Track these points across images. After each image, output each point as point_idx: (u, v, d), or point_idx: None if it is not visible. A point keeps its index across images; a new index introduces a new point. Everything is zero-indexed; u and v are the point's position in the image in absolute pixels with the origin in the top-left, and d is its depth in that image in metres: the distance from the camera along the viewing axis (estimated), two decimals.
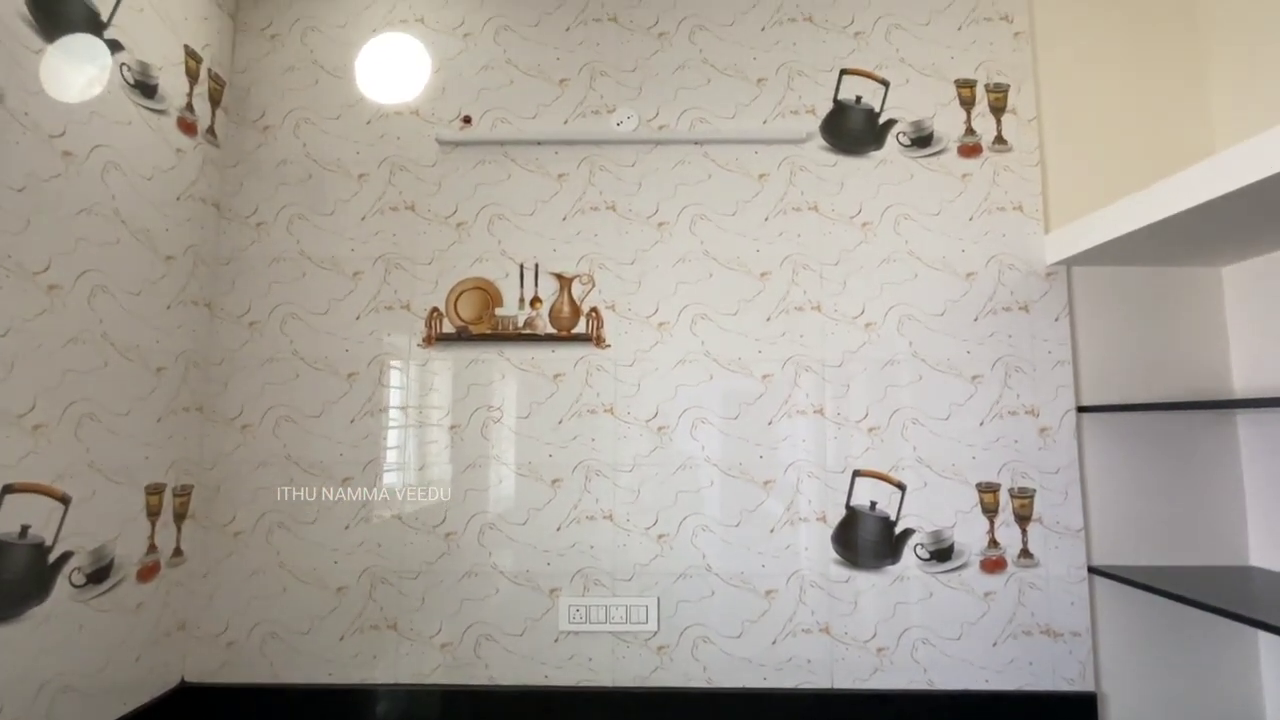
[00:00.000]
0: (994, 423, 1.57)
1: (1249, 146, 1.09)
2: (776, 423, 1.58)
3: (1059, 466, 1.55)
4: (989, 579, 1.53)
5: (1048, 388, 1.58)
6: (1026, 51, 1.68)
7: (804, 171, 1.66)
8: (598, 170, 1.67)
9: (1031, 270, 1.62)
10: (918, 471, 1.56)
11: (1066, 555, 1.53)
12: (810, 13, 1.71)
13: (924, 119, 1.67)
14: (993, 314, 1.60)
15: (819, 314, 1.62)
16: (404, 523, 1.57)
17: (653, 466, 1.58)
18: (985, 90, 1.67)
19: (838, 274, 1.63)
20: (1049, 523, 1.54)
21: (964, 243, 1.63)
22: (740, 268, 1.63)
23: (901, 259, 1.63)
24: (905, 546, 1.54)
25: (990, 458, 1.56)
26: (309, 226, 1.67)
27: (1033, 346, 1.59)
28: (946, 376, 1.59)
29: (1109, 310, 1.60)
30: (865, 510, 1.56)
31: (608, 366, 1.61)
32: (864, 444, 1.57)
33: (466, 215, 1.67)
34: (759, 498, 1.56)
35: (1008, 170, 1.65)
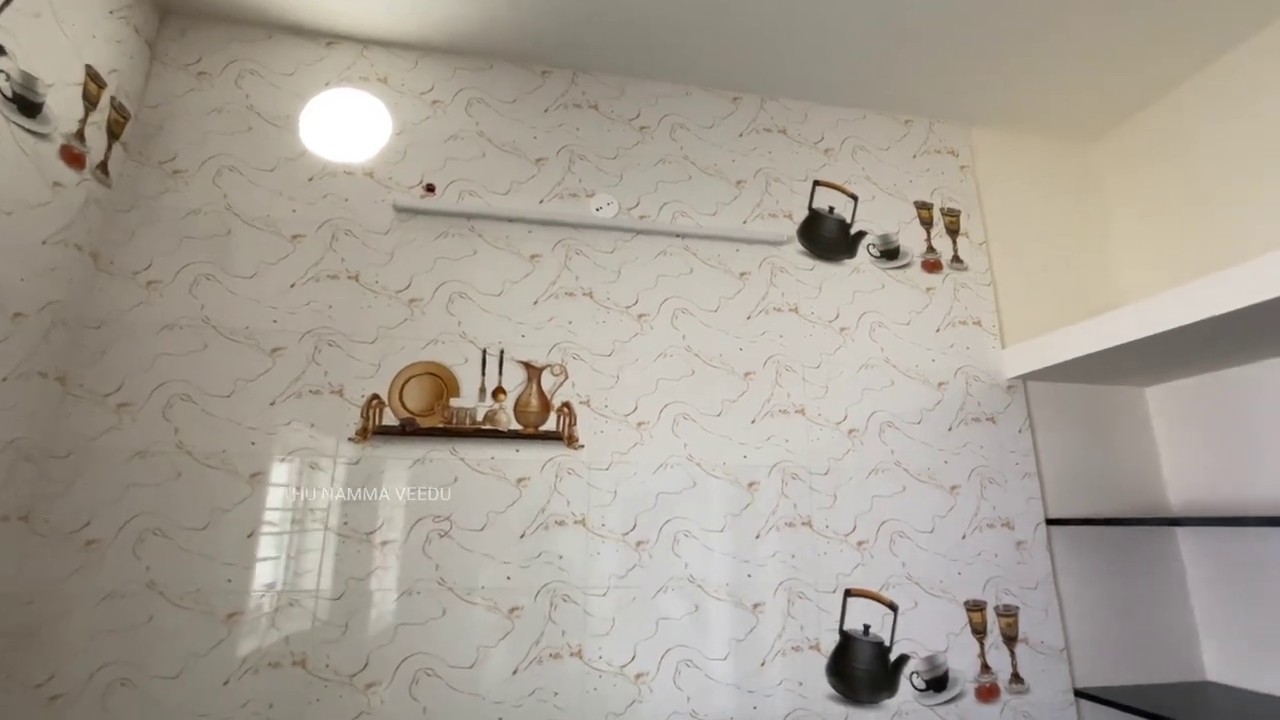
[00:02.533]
0: (975, 536, 1.54)
1: (1167, 297, 1.23)
2: (764, 536, 1.45)
3: (1037, 581, 1.53)
4: (985, 710, 1.43)
5: (1019, 499, 1.59)
6: (971, 183, 1.84)
7: (783, 273, 1.64)
8: (574, 254, 1.55)
9: (994, 383, 1.67)
10: (907, 590, 1.47)
11: (1053, 678, 1.47)
12: (784, 126, 1.78)
13: (891, 233, 1.74)
14: (964, 424, 1.62)
15: (803, 418, 1.54)
16: (309, 672, 1.20)
17: (629, 589, 1.36)
18: (940, 213, 1.79)
19: (820, 377, 1.58)
20: (1034, 643, 1.49)
21: (933, 353, 1.66)
22: (724, 366, 1.54)
23: (879, 365, 1.62)
24: (901, 675, 1.41)
25: (974, 573, 1.51)
26: (219, 290, 1.37)
27: (1001, 458, 1.61)
28: (928, 487, 1.55)
29: (1062, 423, 1.67)
30: (859, 635, 1.42)
31: (580, 470, 1.41)
32: (853, 560, 1.47)
33: (422, 291, 1.46)
34: (748, 624, 1.39)
35: (965, 288, 1.73)
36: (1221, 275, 1.20)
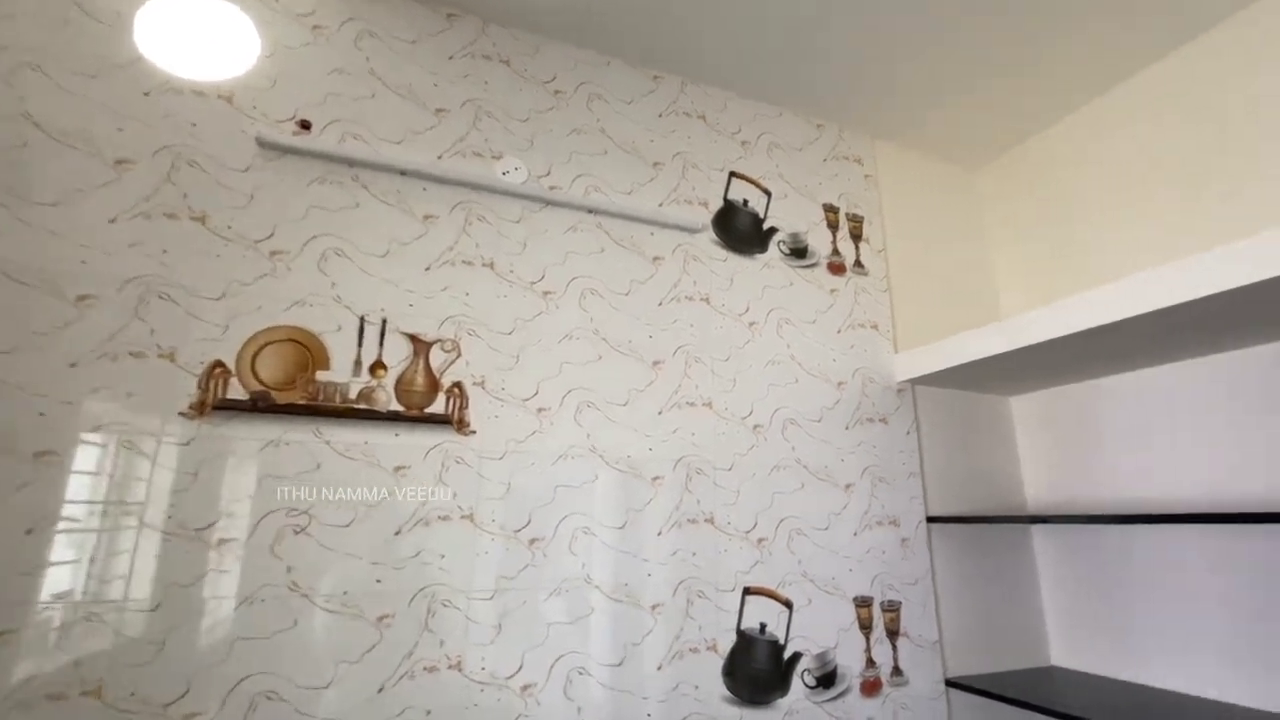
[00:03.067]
0: (865, 533, 1.57)
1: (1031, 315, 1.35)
2: (667, 533, 1.37)
3: (917, 577, 1.59)
4: (868, 704, 1.45)
5: (904, 498, 1.64)
6: (874, 192, 1.90)
7: (697, 262, 1.59)
8: (476, 219, 1.40)
9: (888, 385, 1.72)
10: (803, 587, 1.47)
11: (927, 669, 1.53)
12: (704, 112, 1.73)
13: (800, 232, 1.75)
14: (860, 424, 1.65)
15: (710, 411, 1.49)
16: (106, 704, 0.95)
17: (520, 592, 1.23)
18: (846, 218, 1.83)
19: (728, 370, 1.54)
20: (913, 636, 1.54)
21: (835, 353, 1.68)
22: (633, 353, 1.46)
23: (785, 362, 1.61)
24: (794, 674, 1.40)
25: (864, 570, 1.54)
26: (4, 219, 1.07)
27: (891, 457, 1.66)
28: (825, 485, 1.56)
29: (942, 427, 1.76)
30: (756, 635, 1.39)
31: (470, 458, 1.26)
32: (753, 557, 1.44)
33: (288, 243, 1.23)
34: (646, 626, 1.31)
35: (865, 292, 1.78)
36: (1078, 298, 1.30)
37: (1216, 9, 1.49)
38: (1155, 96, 1.65)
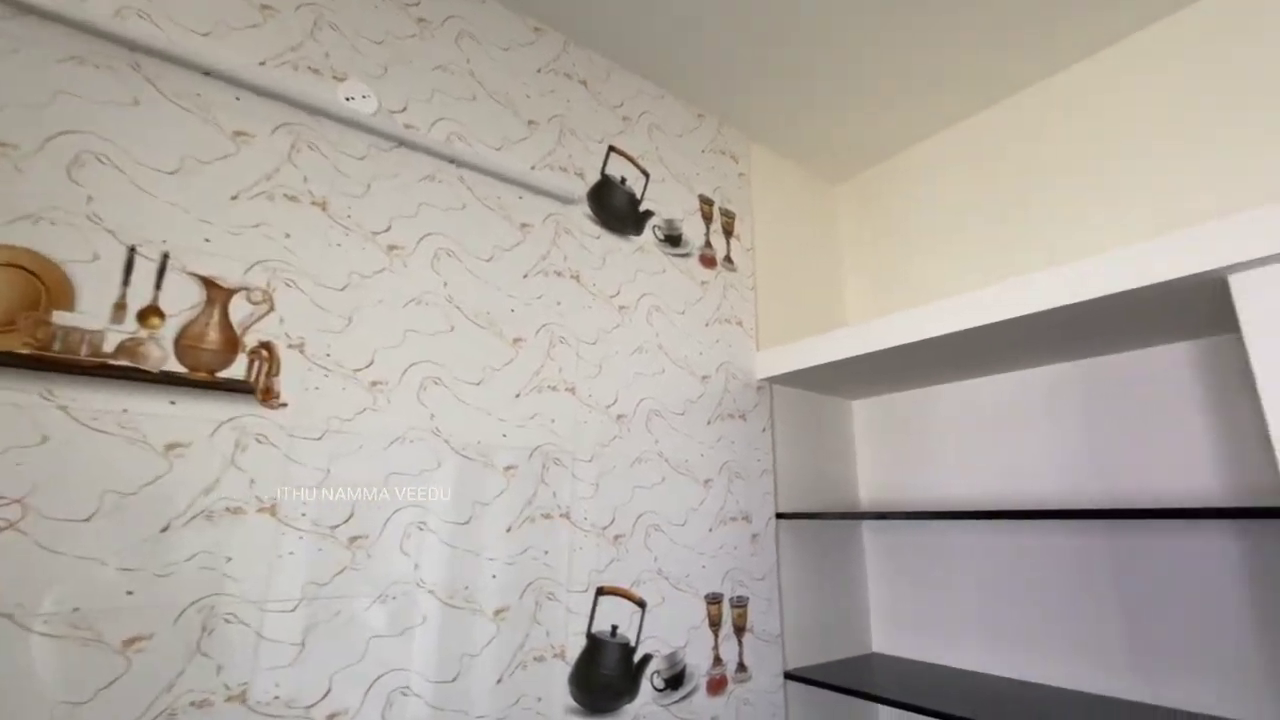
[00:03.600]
0: (720, 529, 1.55)
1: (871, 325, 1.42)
2: (518, 529, 1.23)
3: (764, 573, 1.61)
4: (713, 702, 1.42)
5: (758, 494, 1.65)
6: (747, 191, 1.91)
7: (569, 235, 1.47)
8: (306, 147, 1.14)
9: (748, 382, 1.73)
10: (657, 585, 1.40)
11: (769, 663, 1.55)
12: (586, 78, 1.61)
13: (676, 220, 1.70)
14: (721, 419, 1.64)
15: (573, 397, 1.38)
16: None
17: (332, 601, 1.01)
18: (719, 212, 1.81)
19: (595, 355, 1.44)
20: (759, 631, 1.55)
21: (702, 346, 1.65)
22: (491, 327, 1.29)
23: (653, 351, 1.55)
24: (643, 677, 1.33)
25: (716, 566, 1.52)
26: None
27: (748, 454, 1.67)
28: (685, 479, 1.52)
29: (794, 425, 1.81)
30: (607, 638, 1.30)
31: (277, 437, 1.01)
32: (609, 555, 1.34)
33: (19, 135, 0.90)
34: (487, 633, 1.15)
35: (733, 288, 1.78)
36: (909, 313, 1.40)
37: (1021, 77, 1.68)
38: (976, 142, 1.84)
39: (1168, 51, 1.51)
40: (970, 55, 1.65)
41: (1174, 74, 1.49)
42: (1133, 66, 1.56)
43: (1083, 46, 1.61)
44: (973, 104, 1.83)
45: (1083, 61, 1.65)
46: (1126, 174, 1.53)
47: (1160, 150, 1.48)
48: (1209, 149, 1.41)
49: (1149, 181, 1.49)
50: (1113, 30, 1.56)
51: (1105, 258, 1.13)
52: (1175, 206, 1.44)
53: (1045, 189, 1.68)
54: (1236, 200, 1.35)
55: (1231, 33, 1.41)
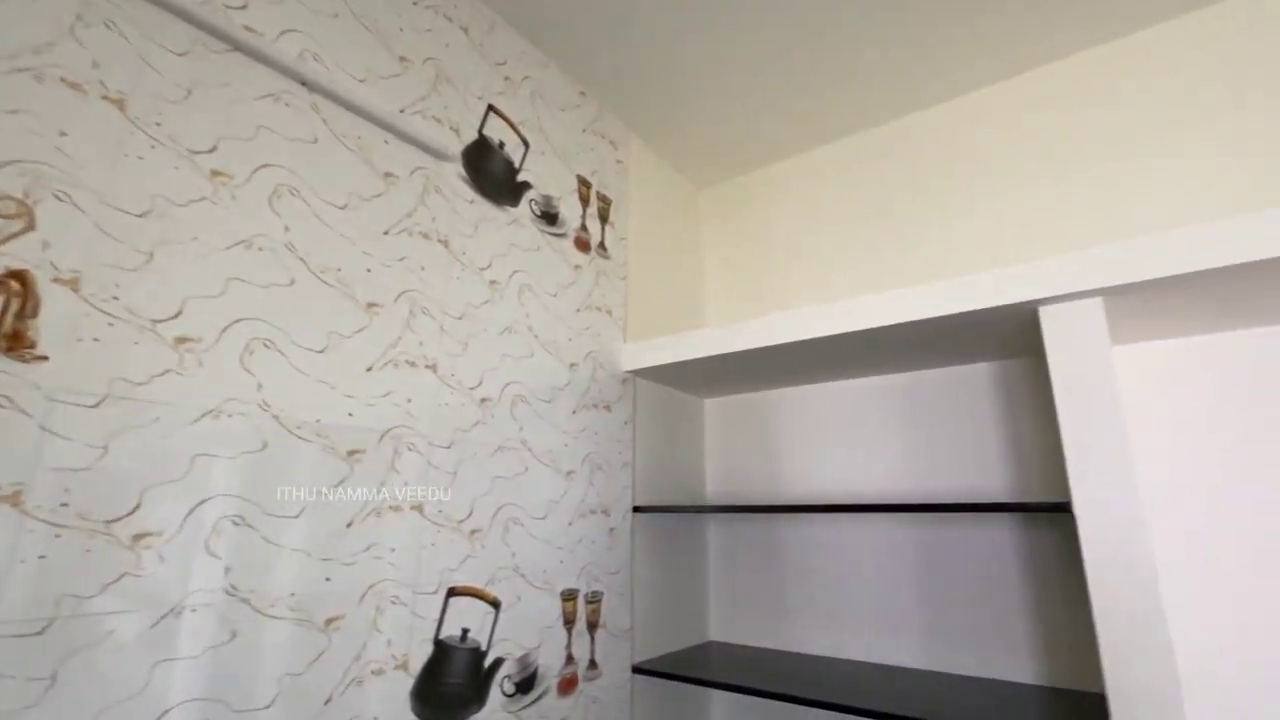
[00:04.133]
0: (579, 522, 1.49)
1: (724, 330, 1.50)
2: (360, 523, 1.06)
3: (619, 567, 1.58)
4: (562, 703, 1.36)
5: (617, 487, 1.63)
6: (624, 180, 1.88)
7: (439, 195, 1.31)
8: (99, 25, 0.87)
9: (614, 373, 1.70)
10: (513, 583, 1.30)
11: (619, 658, 1.53)
12: (468, 25, 1.45)
13: (554, 197, 1.60)
14: (587, 409, 1.58)
15: (434, 375, 1.23)
16: None
17: (104, 619, 0.77)
18: (597, 196, 1.75)
19: (461, 330, 1.30)
20: (610, 626, 1.52)
21: (572, 332, 1.58)
22: (341, 286, 1.10)
23: (522, 332, 1.44)
24: (493, 683, 1.22)
25: (574, 561, 1.46)
26: None
27: (610, 446, 1.63)
28: (549, 470, 1.44)
29: (653, 419, 1.81)
30: (456, 643, 1.17)
31: (30, 401, 0.75)
32: (464, 551, 1.22)
33: None
34: (316, 648, 0.97)
35: (606, 276, 1.73)
36: (764, 320, 1.48)
37: (882, 112, 1.88)
38: (834, 166, 2.01)
39: (1006, 106, 1.77)
40: (836, 87, 1.78)
41: (1007, 128, 1.75)
42: (972, 119, 1.80)
43: (938, 93, 1.83)
44: (834, 130, 1.99)
45: (938, 105, 1.87)
46: (960, 210, 1.77)
47: (985, 189, 1.73)
48: (1026, 193, 1.68)
49: (974, 219, 1.74)
50: (964, 83, 1.78)
51: (940, 285, 1.28)
52: (994, 241, 1.69)
53: (892, 216, 1.88)
54: (1045, 238, 1.61)
55: (1055, 98, 1.69)
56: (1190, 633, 1.27)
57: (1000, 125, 1.74)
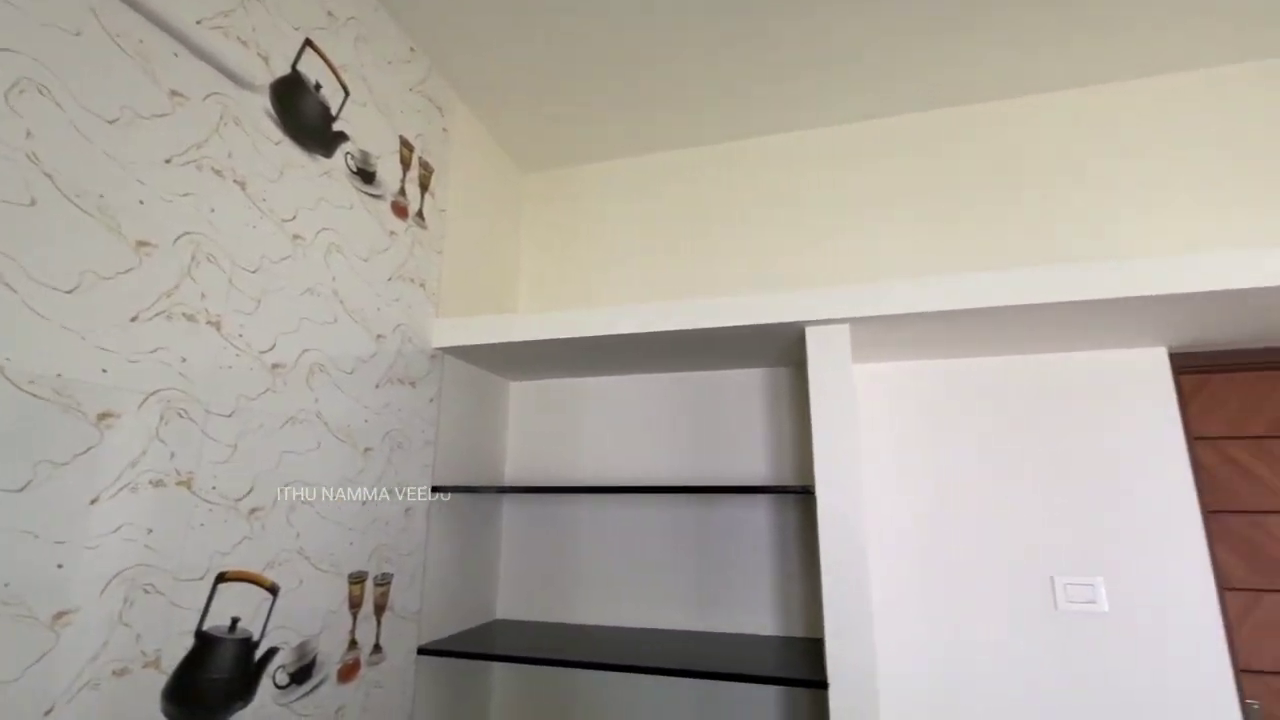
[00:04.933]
0: (375, 502, 1.42)
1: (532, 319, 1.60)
2: (107, 499, 0.89)
3: (412, 548, 1.54)
4: (341, 691, 1.29)
5: (417, 467, 1.58)
6: (448, 149, 1.81)
7: (239, 127, 1.14)
8: None
9: (422, 349, 1.64)
10: (296, 567, 1.20)
11: (405, 641, 1.49)
12: None
13: (372, 154, 1.49)
14: (391, 384, 1.51)
15: (217, 333, 1.08)
16: None
17: None
18: (418, 162, 1.67)
19: (254, 286, 1.15)
20: (398, 609, 1.48)
21: (381, 301, 1.49)
22: (100, 213, 0.91)
23: (327, 296, 1.32)
24: (265, 674, 1.12)
25: (365, 542, 1.39)
26: None
27: (412, 424, 1.57)
28: (345, 446, 1.34)
29: (458, 399, 1.79)
30: (223, 634, 1.05)
31: None
32: (240, 532, 1.09)
33: None
34: (38, 647, 0.80)
35: (421, 246, 1.66)
36: (575, 313, 1.58)
37: (704, 137, 2.10)
38: (655, 177, 2.18)
39: (794, 154, 2.07)
40: (666, 104, 1.94)
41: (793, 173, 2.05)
42: (767, 160, 2.08)
43: (742, 130, 2.08)
44: (663, 142, 2.14)
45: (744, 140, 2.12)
46: (749, 235, 2.04)
47: (757, 220, 2.02)
48: (788, 228, 1.99)
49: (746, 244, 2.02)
50: (777, 125, 2.05)
51: (734, 299, 1.48)
52: (766, 265, 1.98)
53: (696, 232, 2.09)
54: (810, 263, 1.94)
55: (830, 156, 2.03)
56: (885, 586, 1.66)
57: (788, 170, 2.05)
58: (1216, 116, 1.73)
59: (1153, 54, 1.72)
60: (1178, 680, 1.45)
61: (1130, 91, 1.81)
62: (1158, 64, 1.75)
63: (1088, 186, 1.78)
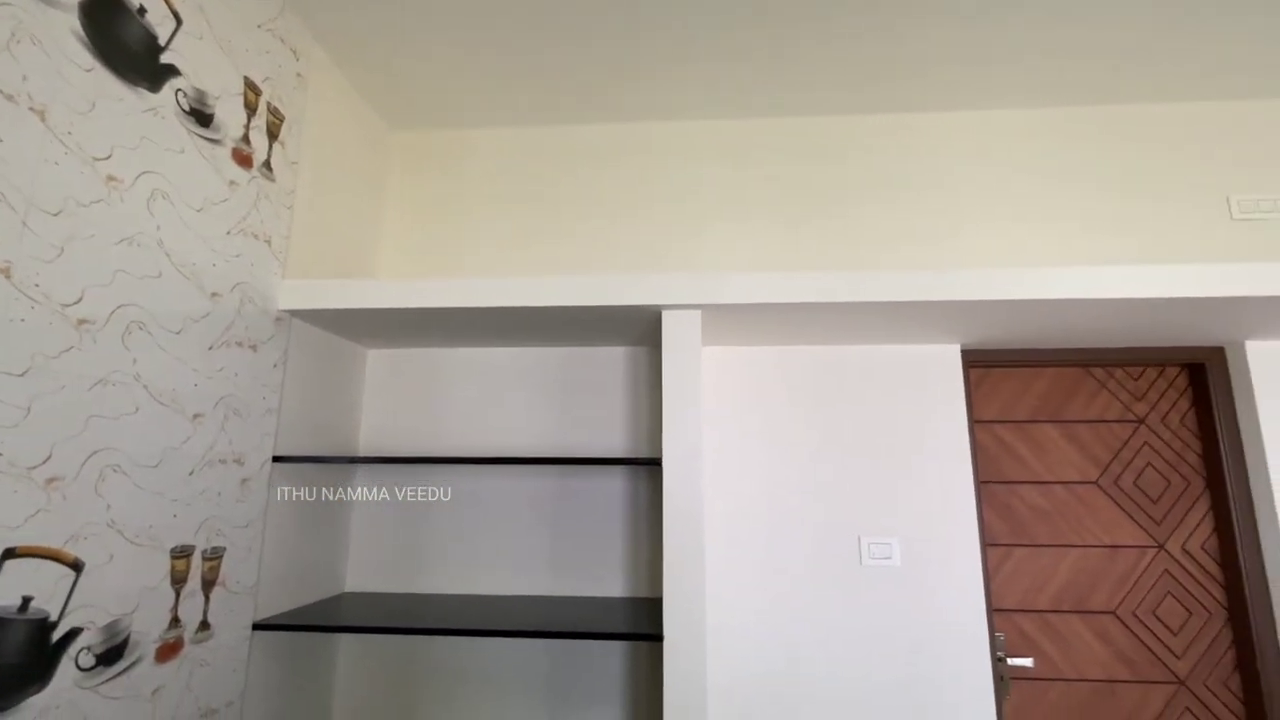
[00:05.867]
0: (204, 472, 1.33)
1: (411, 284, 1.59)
2: None
3: (249, 520, 1.46)
4: (160, 671, 1.21)
5: (256, 435, 1.49)
6: (301, 96, 1.68)
7: (36, 47, 1.00)
8: None
9: (266, 310, 1.53)
10: (105, 540, 1.11)
11: (238, 616, 1.42)
12: None
13: (210, 93, 1.36)
14: (227, 346, 1.40)
15: (6, 282, 0.95)
16: None
17: None
18: (267, 108, 1.54)
19: (56, 230, 1.03)
20: (231, 584, 1.40)
21: (217, 257, 1.38)
22: None
23: (150, 246, 1.20)
24: (65, 656, 1.03)
25: (192, 515, 1.30)
26: None
27: (253, 390, 1.48)
28: (169, 412, 1.24)
29: (306, 365, 1.70)
30: (10, 615, 0.95)
31: None
32: (34, 504, 0.99)
33: None
34: None
35: (268, 200, 1.54)
36: (437, 282, 1.57)
37: (586, 115, 2.11)
38: (531, 151, 2.17)
39: (655, 145, 2.14)
40: (547, 77, 1.93)
41: (660, 162, 2.13)
42: (638, 146, 2.14)
43: (617, 114, 2.11)
44: (542, 116, 2.13)
45: (620, 124, 2.16)
46: (619, 220, 2.09)
47: (627, 205, 2.10)
48: (657, 216, 2.08)
49: (615, 229, 2.08)
50: (660, 112, 2.10)
51: (598, 278, 1.54)
52: (631, 250, 2.06)
53: (564, 211, 2.11)
54: (676, 250, 2.04)
55: (708, 150, 2.13)
56: (725, 548, 1.83)
57: (663, 159, 2.13)
58: (1036, 149, 2.04)
59: (977, 92, 1.99)
60: (949, 618, 1.76)
61: (960, 122, 2.08)
62: (984, 100, 2.03)
63: (925, 201, 2.04)
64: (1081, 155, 2.02)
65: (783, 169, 2.09)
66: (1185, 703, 1.80)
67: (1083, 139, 2.03)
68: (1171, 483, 1.92)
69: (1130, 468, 1.94)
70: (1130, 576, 1.88)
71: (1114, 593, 1.87)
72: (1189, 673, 1.81)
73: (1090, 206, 1.98)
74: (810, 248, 2.03)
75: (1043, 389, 2.00)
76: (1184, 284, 1.43)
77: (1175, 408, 1.97)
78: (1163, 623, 1.85)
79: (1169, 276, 1.44)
